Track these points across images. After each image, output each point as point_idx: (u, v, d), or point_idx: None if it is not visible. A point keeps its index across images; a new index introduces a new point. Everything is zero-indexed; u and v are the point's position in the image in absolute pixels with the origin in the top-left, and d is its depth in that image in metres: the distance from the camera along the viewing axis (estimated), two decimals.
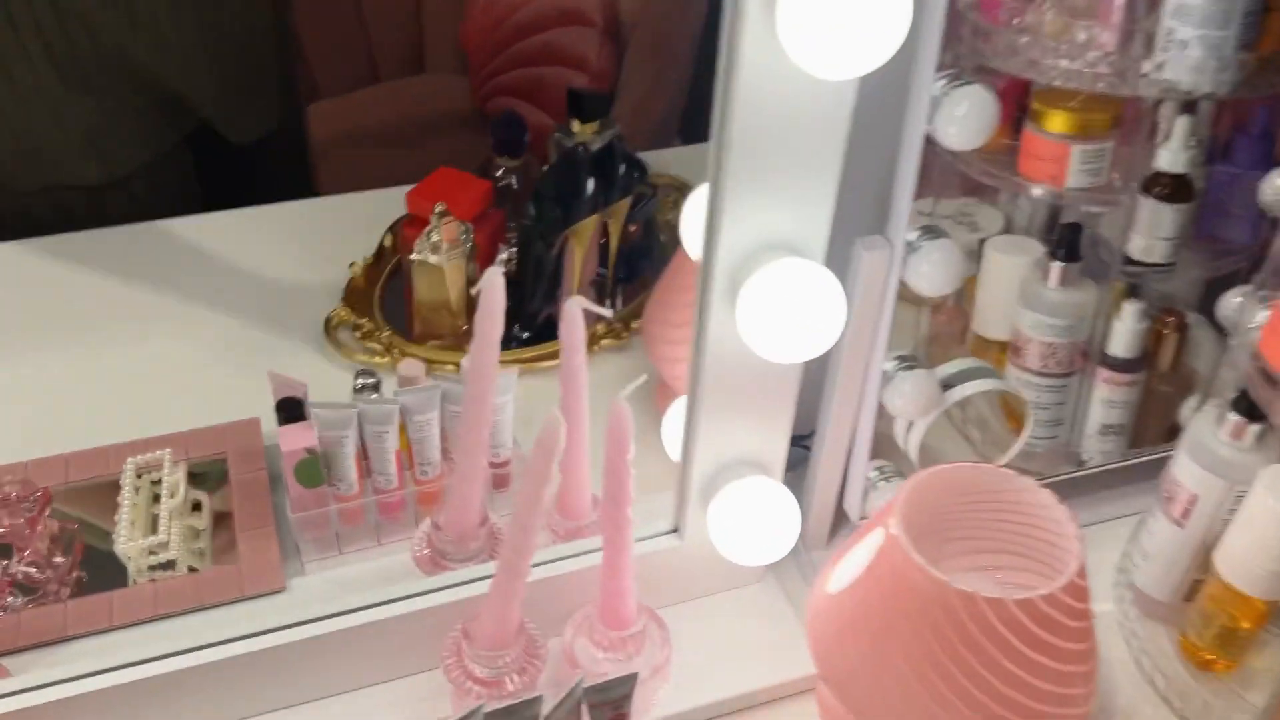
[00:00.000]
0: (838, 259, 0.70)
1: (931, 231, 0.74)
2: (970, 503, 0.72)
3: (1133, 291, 0.91)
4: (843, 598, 0.69)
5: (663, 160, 1.09)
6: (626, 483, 0.67)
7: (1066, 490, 0.93)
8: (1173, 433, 0.96)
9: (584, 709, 0.66)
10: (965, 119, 0.66)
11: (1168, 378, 0.94)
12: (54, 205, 1.11)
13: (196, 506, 0.87)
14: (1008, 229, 1.00)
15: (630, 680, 0.66)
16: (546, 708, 0.64)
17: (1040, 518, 0.69)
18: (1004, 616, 0.62)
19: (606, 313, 0.70)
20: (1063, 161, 0.85)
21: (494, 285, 0.68)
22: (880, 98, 0.65)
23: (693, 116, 1.77)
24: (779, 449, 0.76)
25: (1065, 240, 0.88)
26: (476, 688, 0.72)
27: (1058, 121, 0.84)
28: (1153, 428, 0.95)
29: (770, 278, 0.63)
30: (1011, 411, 0.94)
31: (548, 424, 0.60)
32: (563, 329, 0.72)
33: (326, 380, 0.97)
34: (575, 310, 0.71)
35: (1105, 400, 0.92)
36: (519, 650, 0.72)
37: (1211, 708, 0.78)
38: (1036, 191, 0.89)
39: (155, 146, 0.72)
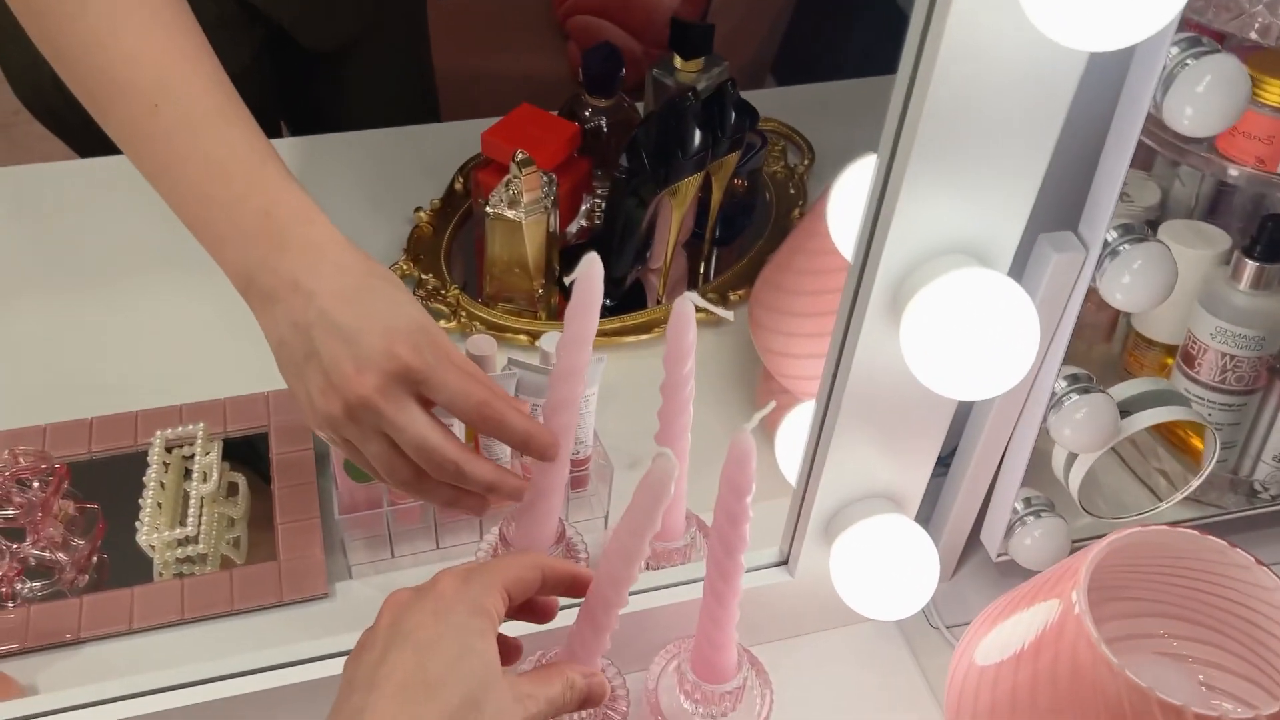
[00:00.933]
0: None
1: (1133, 232, 0.60)
2: (1156, 566, 0.59)
3: None
4: (997, 674, 0.57)
5: (760, 102, 0.94)
6: (743, 527, 0.55)
7: (1234, 528, 0.80)
8: None
9: None
10: (1208, 98, 0.52)
11: None
12: None
13: (232, 489, 0.76)
14: (1163, 206, 0.85)
15: None
16: None
17: (1255, 599, 0.56)
18: None
19: (728, 315, 0.57)
20: (1278, 141, 0.70)
21: (591, 275, 0.55)
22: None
23: (787, 53, 1.61)
24: (919, 483, 0.64)
25: (1268, 234, 0.74)
26: None
27: (1277, 93, 0.69)
28: None
29: (951, 292, 0.50)
30: (1175, 432, 0.81)
31: (658, 467, 0.48)
32: (671, 330, 0.59)
33: None
34: (687, 309, 0.58)
35: None
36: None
37: None
38: (1234, 174, 0.74)
39: (226, 62, 0.60)
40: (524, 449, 0.59)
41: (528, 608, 0.53)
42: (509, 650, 0.53)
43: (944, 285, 0.50)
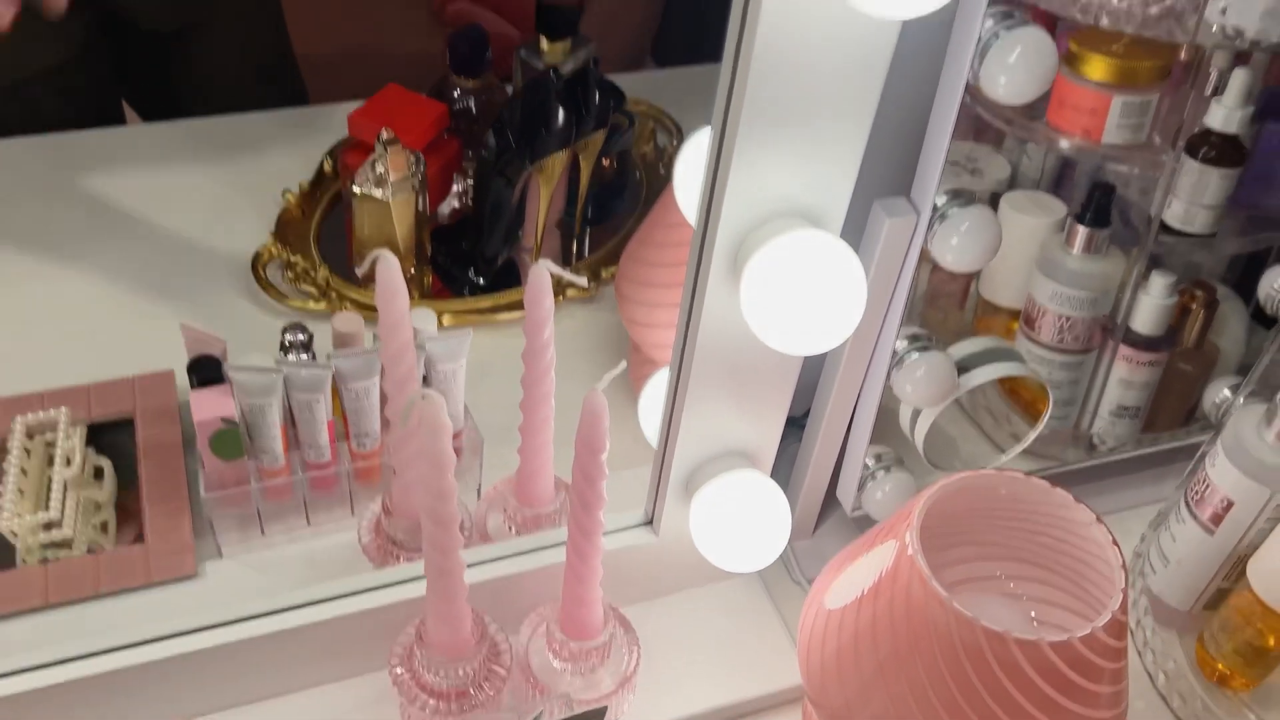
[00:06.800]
0: (849, 223, 0.60)
1: (961, 196, 0.63)
2: (990, 511, 0.63)
3: (1157, 262, 0.82)
4: (843, 616, 0.60)
5: (634, 85, 0.97)
6: (599, 485, 0.57)
7: (1075, 479, 0.85)
8: (1190, 415, 0.88)
9: None
10: (1018, 67, 0.55)
11: (1190, 356, 0.85)
12: None
13: (98, 474, 0.76)
14: (1013, 180, 0.90)
15: (598, 716, 0.57)
16: None
17: (1076, 535, 0.60)
18: (1036, 660, 0.53)
19: (581, 281, 0.58)
20: (1101, 114, 0.75)
21: (387, 266, 0.55)
22: (908, 37, 0.54)
23: (667, 36, 1.63)
24: (772, 440, 0.67)
25: (1095, 202, 0.79)
26: (431, 701, 0.63)
27: (1099, 68, 0.74)
28: (1169, 410, 0.87)
29: (783, 253, 0.52)
30: (1019, 390, 0.85)
31: (420, 410, 0.49)
32: (528, 298, 0.61)
33: (252, 327, 0.86)
34: (542, 276, 0.60)
35: (1123, 380, 0.84)
36: (481, 658, 0.63)
37: None
38: (1065, 145, 0.79)
39: (58, 48, 0.59)
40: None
41: None
42: None
43: (776, 246, 0.53)
